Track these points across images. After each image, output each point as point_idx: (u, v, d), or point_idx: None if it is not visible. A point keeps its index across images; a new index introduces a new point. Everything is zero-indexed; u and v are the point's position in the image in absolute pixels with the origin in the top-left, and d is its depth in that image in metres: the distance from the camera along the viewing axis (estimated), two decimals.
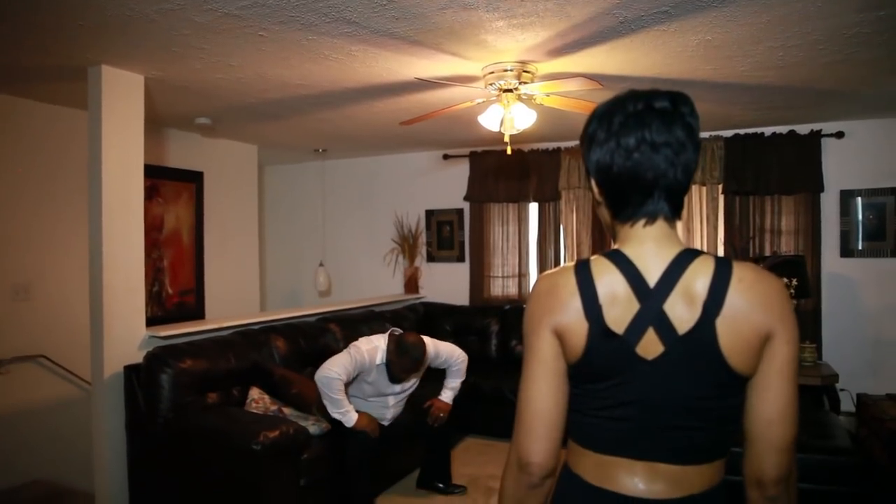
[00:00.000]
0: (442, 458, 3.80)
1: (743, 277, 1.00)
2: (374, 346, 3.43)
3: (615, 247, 1.09)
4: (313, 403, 3.55)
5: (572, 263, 1.08)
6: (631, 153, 1.02)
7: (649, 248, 1.04)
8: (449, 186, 6.13)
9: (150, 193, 4.55)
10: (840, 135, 4.73)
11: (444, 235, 6.25)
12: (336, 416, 3.28)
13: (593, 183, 1.11)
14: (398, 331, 3.59)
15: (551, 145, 5.64)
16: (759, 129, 4.92)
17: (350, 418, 3.27)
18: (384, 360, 3.40)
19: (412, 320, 5.41)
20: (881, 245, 4.73)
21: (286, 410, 3.50)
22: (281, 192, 6.96)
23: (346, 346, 4.45)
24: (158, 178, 4.71)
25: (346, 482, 3.32)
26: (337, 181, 6.63)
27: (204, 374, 3.40)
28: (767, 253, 4.85)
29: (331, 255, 6.48)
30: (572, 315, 1.03)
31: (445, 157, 6.10)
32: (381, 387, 3.48)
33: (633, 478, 1.05)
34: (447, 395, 3.71)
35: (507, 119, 3.37)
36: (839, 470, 3.01)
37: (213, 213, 5.26)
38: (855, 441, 3.43)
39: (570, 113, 4.20)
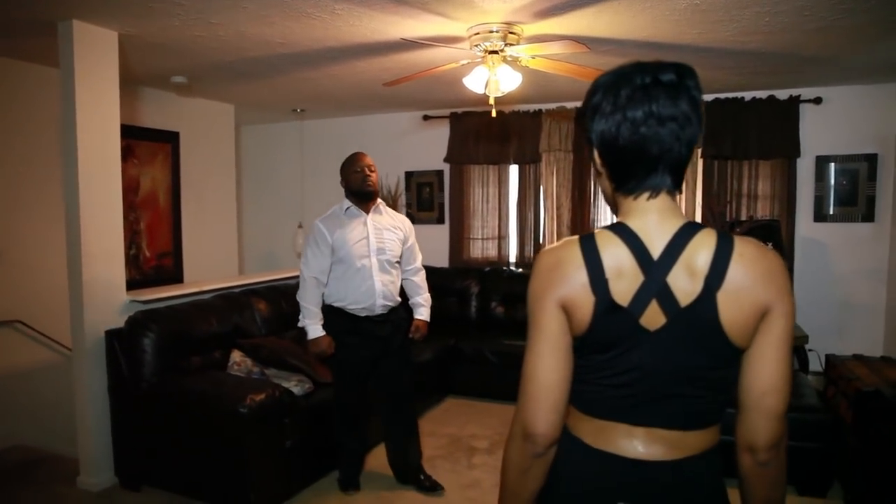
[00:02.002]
0: (415, 447, 3.40)
1: (744, 252, 1.02)
2: (331, 211, 3.26)
3: (618, 219, 1.10)
4: (285, 353, 3.58)
5: (576, 237, 1.08)
6: (638, 127, 1.02)
7: (653, 220, 1.06)
8: (429, 148, 6.07)
9: (125, 154, 4.41)
10: (818, 100, 4.78)
11: (423, 197, 6.23)
12: (300, 322, 3.16)
13: (595, 154, 1.11)
14: None
15: (532, 107, 5.61)
16: (739, 94, 4.94)
17: (312, 331, 3.11)
18: (348, 205, 3.20)
19: None
20: (853, 210, 4.84)
21: (269, 372, 3.51)
22: (258, 152, 6.84)
23: None
24: (133, 139, 4.59)
25: (335, 442, 3.27)
26: (315, 142, 6.53)
27: (186, 337, 3.39)
28: (744, 217, 4.93)
29: (309, 216, 6.38)
30: (578, 289, 1.04)
31: (426, 118, 6.03)
32: (360, 238, 3.11)
33: (632, 441, 1.08)
34: (423, 313, 3.46)
35: (493, 81, 3.33)
36: (808, 427, 3.14)
37: (189, 175, 5.16)
38: (823, 399, 3.57)
39: (553, 75, 4.16)
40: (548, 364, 1.07)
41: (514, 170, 5.85)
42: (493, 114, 3.60)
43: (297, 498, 3.24)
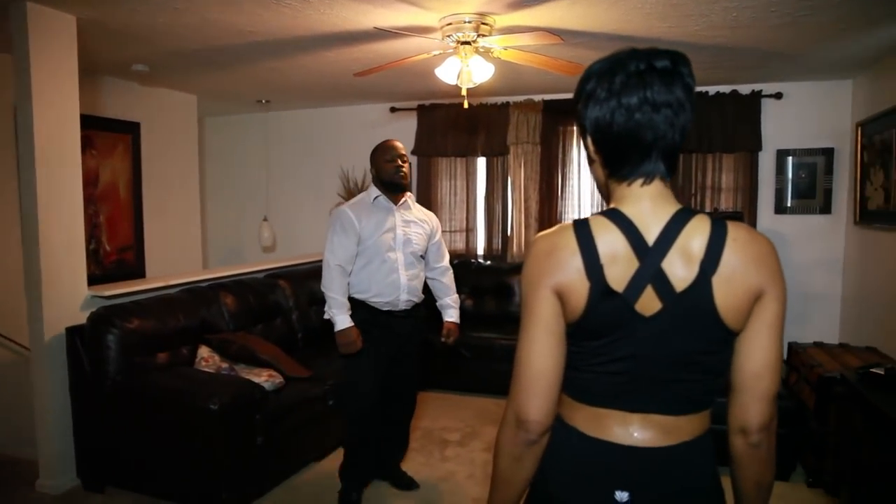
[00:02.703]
0: (402, 449, 3.40)
1: (737, 237, 1.03)
2: (357, 198, 3.07)
3: (612, 206, 1.10)
4: (255, 348, 3.52)
5: (570, 223, 1.08)
6: (633, 113, 1.02)
7: (647, 206, 1.06)
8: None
9: (84, 145, 4.22)
10: (779, 95, 4.90)
11: None
12: (326, 314, 2.93)
13: (589, 141, 1.11)
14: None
15: (500, 100, 5.60)
16: (703, 88, 5.03)
17: (341, 321, 2.86)
18: (377, 194, 2.99)
19: None
20: (811, 203, 4.98)
21: (238, 367, 3.44)
22: (222, 144, 6.69)
23: (295, 301, 4.43)
24: (91, 129, 4.43)
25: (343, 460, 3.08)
26: (281, 134, 6.41)
27: (152, 333, 3.29)
28: (708, 209, 5.03)
29: (275, 209, 6.32)
30: (573, 275, 1.04)
31: (393, 110, 5.98)
32: (387, 229, 2.95)
33: (627, 428, 1.09)
34: (453, 314, 3.26)
35: (465, 72, 3.32)
36: None
37: (151, 167, 5.01)
38: (786, 386, 3.67)
39: (521, 68, 4.17)
40: (541, 350, 1.06)
41: (481, 162, 5.84)
42: (465, 105, 3.58)
43: (271, 495, 3.19)
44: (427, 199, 5.91)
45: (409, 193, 3.11)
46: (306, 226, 6.38)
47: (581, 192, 5.52)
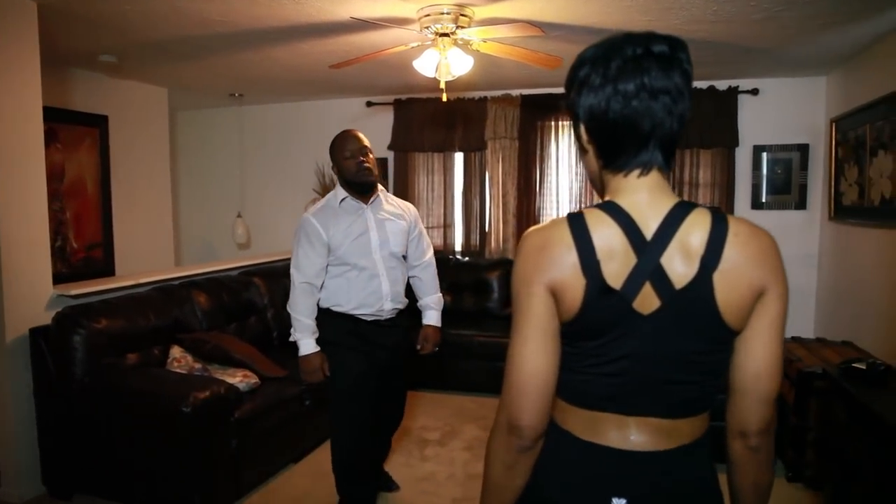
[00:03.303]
0: (384, 455, 3.19)
1: (739, 232, 0.99)
2: (322, 202, 2.74)
3: (607, 198, 1.04)
4: (229, 348, 3.42)
5: (563, 216, 1.03)
6: (629, 100, 0.97)
7: (644, 198, 1.01)
8: (372, 135, 5.75)
9: (48, 139, 4.09)
10: (755, 91, 4.92)
11: None
12: (292, 335, 2.68)
13: (582, 130, 1.05)
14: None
15: (478, 94, 5.55)
16: None
17: (305, 345, 2.62)
18: (343, 195, 2.67)
19: None
20: (787, 198, 5.02)
21: (211, 368, 3.34)
22: (195, 139, 6.53)
23: (270, 299, 4.33)
24: (56, 122, 4.28)
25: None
26: (255, 128, 6.29)
27: (121, 333, 3.18)
28: None
29: (249, 205, 6.20)
30: (568, 271, 0.98)
31: (369, 104, 5.89)
32: (360, 233, 2.64)
33: (624, 432, 1.04)
34: (434, 317, 2.94)
35: (443, 65, 3.26)
36: None
37: (120, 161, 4.86)
38: None
39: (500, 62, 4.13)
40: (535, 351, 1.00)
41: (459, 157, 5.79)
42: (444, 98, 3.52)
43: (246, 499, 3.10)
44: (404, 195, 5.82)
45: (380, 187, 2.77)
46: (281, 222, 6.26)
47: (559, 187, 5.50)
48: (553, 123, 5.48)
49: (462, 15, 3.13)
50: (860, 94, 4.08)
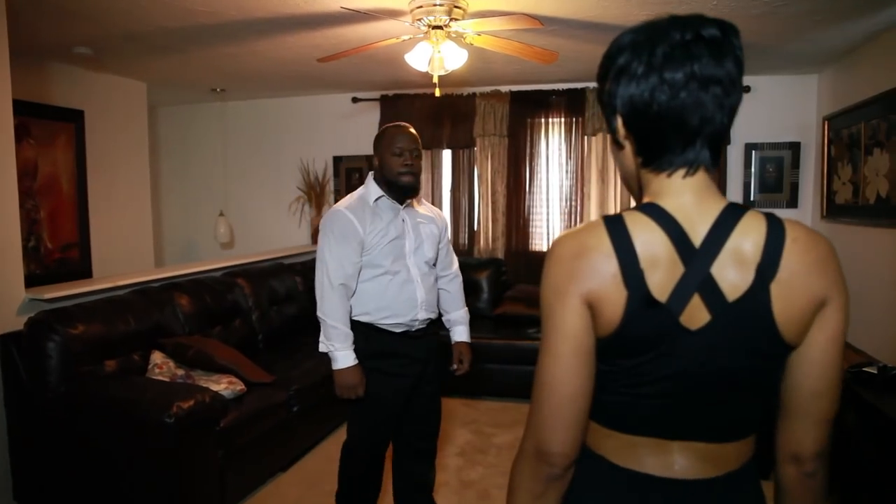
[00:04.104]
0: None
1: (797, 237, 0.89)
2: (353, 198, 2.41)
3: (647, 200, 0.94)
4: (214, 353, 3.29)
5: (600, 219, 0.92)
6: (678, 91, 0.86)
7: (690, 201, 0.90)
8: (358, 131, 5.81)
9: (19, 134, 3.93)
10: (747, 89, 4.87)
11: (353, 183, 5.96)
12: (323, 346, 2.35)
13: (619, 124, 0.94)
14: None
15: (467, 90, 5.45)
16: None
17: (343, 357, 2.29)
18: (378, 194, 2.37)
19: None
20: (778, 196, 4.99)
21: (195, 374, 3.21)
22: (176, 135, 6.34)
23: (255, 301, 4.19)
24: (28, 116, 4.09)
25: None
26: (237, 125, 6.12)
27: (99, 339, 3.03)
28: None
29: (232, 204, 6.03)
30: (608, 281, 0.88)
31: (355, 100, 5.76)
32: (395, 236, 2.37)
33: (666, 458, 0.94)
34: (464, 333, 2.66)
35: (436, 58, 3.15)
36: None
37: (97, 158, 4.68)
38: None
39: (491, 57, 4.04)
40: (569, 370, 0.89)
41: (447, 154, 5.69)
42: (437, 93, 3.41)
43: None
44: None
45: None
46: (265, 221, 6.12)
47: (549, 185, 5.42)
48: (543, 120, 5.39)
49: (456, 7, 3.02)
50: (853, 93, 4.05)
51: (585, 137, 5.24)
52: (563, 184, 5.38)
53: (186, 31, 3.53)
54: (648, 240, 0.89)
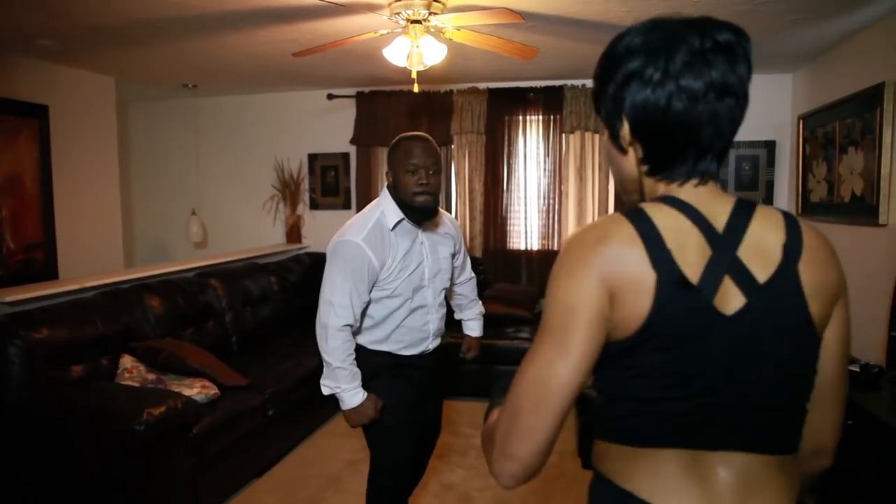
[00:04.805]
0: None
1: (809, 228, 0.89)
2: (367, 221, 2.14)
3: (662, 193, 0.90)
4: (186, 356, 3.19)
5: (617, 212, 0.87)
6: (696, 101, 0.83)
7: (705, 198, 0.88)
8: (334, 129, 5.73)
9: None
10: None
11: (328, 181, 5.88)
12: (327, 389, 2.17)
13: (626, 129, 0.89)
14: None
15: (444, 87, 5.39)
16: None
17: (351, 397, 2.11)
18: (398, 218, 2.15)
19: (298, 272, 5.08)
20: (754, 195, 5.02)
21: (166, 379, 3.10)
22: (146, 132, 6.17)
23: (229, 302, 4.08)
24: None
25: None
26: (210, 121, 5.97)
27: (65, 343, 2.91)
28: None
29: (204, 203, 5.89)
30: (633, 264, 0.81)
31: (330, 97, 5.66)
32: (416, 266, 2.21)
33: (706, 475, 0.84)
34: (477, 328, 2.64)
35: (415, 53, 3.09)
36: None
37: (62, 155, 4.52)
38: None
39: (469, 53, 3.99)
40: (573, 365, 0.81)
41: None
42: (416, 89, 3.35)
43: None
44: (367, 191, 5.65)
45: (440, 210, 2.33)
46: (239, 220, 5.99)
47: (527, 183, 5.38)
48: (521, 118, 5.36)
49: (435, 1, 2.96)
50: (828, 92, 4.08)
51: (563, 135, 5.22)
52: (540, 182, 5.35)
53: (156, 24, 3.41)
54: (671, 225, 0.84)
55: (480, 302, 2.66)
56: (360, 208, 5.65)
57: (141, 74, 4.86)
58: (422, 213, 2.16)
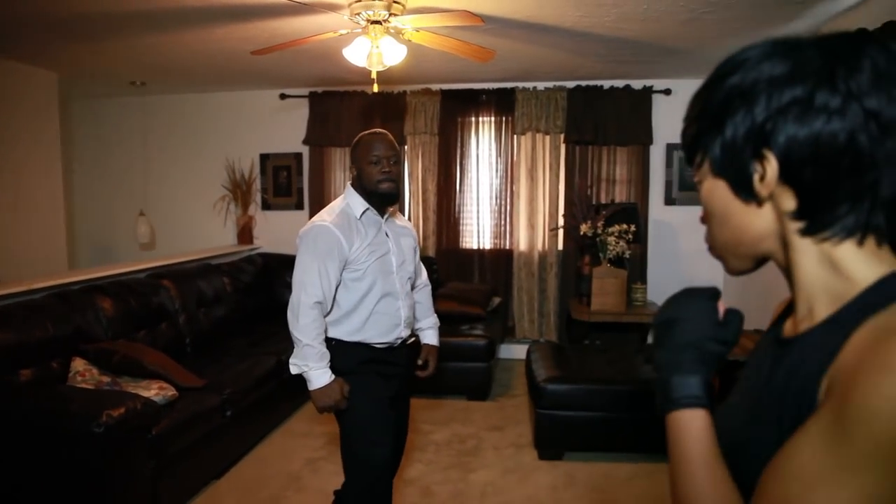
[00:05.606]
0: None
1: None
2: (335, 210, 2.27)
3: (893, 270, 0.69)
4: (142, 358, 3.14)
5: None
6: (889, 132, 0.65)
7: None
8: (286, 129, 5.69)
9: None
10: (668, 92, 5.10)
11: (280, 181, 5.84)
12: (295, 368, 2.19)
13: (771, 175, 0.70)
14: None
15: (397, 88, 5.43)
16: (598, 82, 5.13)
17: (319, 376, 2.15)
18: (364, 207, 2.26)
19: (251, 273, 5.03)
20: (696, 195, 5.17)
21: (122, 381, 3.04)
22: (91, 131, 5.97)
23: (182, 303, 4.01)
24: None
25: None
26: (159, 120, 5.83)
27: (12, 347, 2.81)
28: (604, 201, 5.15)
29: (153, 203, 5.75)
30: None
31: (282, 96, 5.62)
32: (383, 253, 2.29)
33: None
34: (433, 336, 2.63)
35: (374, 54, 3.12)
36: None
37: (1, 154, 4.34)
38: None
39: (425, 54, 4.03)
40: None
41: None
42: (376, 89, 3.38)
43: None
44: (320, 192, 5.64)
45: None
46: (189, 221, 5.88)
47: (479, 184, 5.48)
48: (473, 119, 5.45)
49: (395, 2, 3.00)
50: None
51: (515, 136, 5.33)
52: (492, 182, 5.45)
53: (104, 17, 3.32)
54: None
55: (436, 315, 2.67)
56: (312, 208, 5.68)
57: (87, 71, 4.72)
58: (386, 199, 2.29)
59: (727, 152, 0.73)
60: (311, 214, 5.62)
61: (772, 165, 0.69)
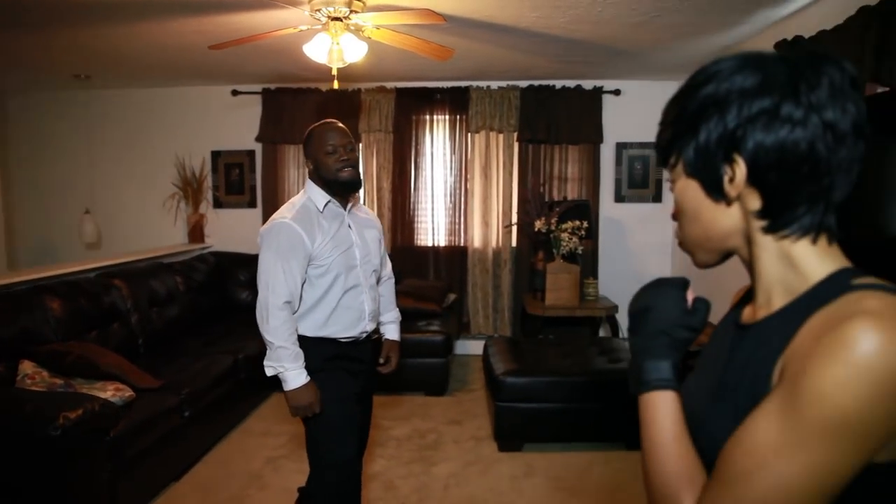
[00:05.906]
0: None
1: None
2: (295, 205, 2.24)
3: (841, 266, 0.77)
4: (97, 359, 3.06)
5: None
6: (841, 143, 0.73)
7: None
8: (238, 126, 5.60)
9: None
10: (617, 92, 5.26)
11: (232, 179, 5.74)
12: (271, 370, 2.16)
13: (739, 177, 0.76)
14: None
15: (351, 86, 5.42)
16: (550, 82, 5.24)
17: (294, 377, 2.13)
18: (326, 199, 2.23)
19: (204, 272, 4.93)
20: (644, 192, 5.44)
21: (76, 383, 2.95)
22: (32, 126, 5.72)
23: (134, 303, 3.91)
24: None
25: None
26: (105, 115, 5.62)
27: None
28: (557, 199, 5.27)
29: (99, 201, 5.56)
30: None
31: (235, 93, 5.53)
32: (347, 247, 2.26)
33: None
34: (395, 331, 2.63)
35: (335, 51, 3.12)
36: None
37: None
38: None
39: (382, 52, 4.04)
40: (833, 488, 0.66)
41: None
42: (336, 85, 3.38)
43: None
44: (274, 189, 5.58)
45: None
46: (137, 219, 5.71)
47: (434, 182, 5.52)
48: (428, 117, 5.48)
49: None
50: None
51: (469, 134, 5.39)
52: (447, 180, 5.50)
53: (45, 7, 3.19)
54: None
55: (398, 309, 2.68)
56: (265, 206, 5.61)
57: (26, 63, 4.52)
58: (349, 186, 2.26)
59: (700, 155, 0.79)
60: (265, 212, 5.56)
61: (741, 168, 0.76)
